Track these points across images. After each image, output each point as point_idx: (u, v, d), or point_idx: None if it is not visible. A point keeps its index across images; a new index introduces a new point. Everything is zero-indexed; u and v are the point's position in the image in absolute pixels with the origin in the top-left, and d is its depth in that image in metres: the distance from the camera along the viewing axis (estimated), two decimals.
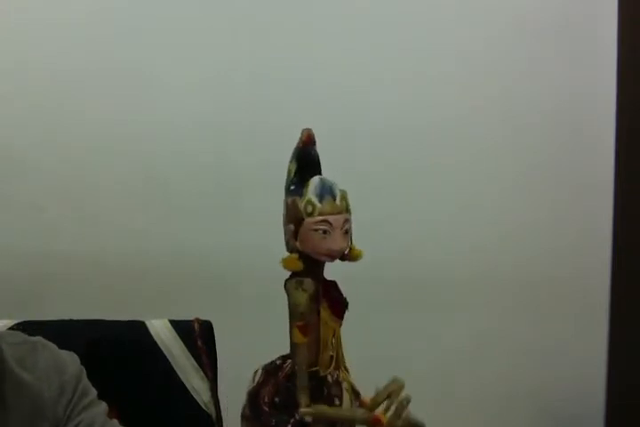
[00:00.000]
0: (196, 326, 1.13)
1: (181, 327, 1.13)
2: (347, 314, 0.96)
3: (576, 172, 1.69)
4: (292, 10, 1.58)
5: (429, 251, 1.63)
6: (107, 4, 1.53)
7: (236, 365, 0.97)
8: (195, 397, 1.10)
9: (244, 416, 0.96)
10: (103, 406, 0.91)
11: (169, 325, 1.13)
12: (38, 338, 0.92)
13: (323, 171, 0.95)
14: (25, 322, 1.04)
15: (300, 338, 0.91)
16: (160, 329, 1.12)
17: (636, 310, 1.67)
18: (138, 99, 1.54)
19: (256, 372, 0.97)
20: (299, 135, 0.96)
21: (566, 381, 1.69)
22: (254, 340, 0.95)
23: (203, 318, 1.15)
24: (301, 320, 0.91)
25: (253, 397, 0.95)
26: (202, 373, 1.11)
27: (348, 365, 0.97)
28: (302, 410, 0.89)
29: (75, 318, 1.11)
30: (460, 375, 1.65)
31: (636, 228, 1.67)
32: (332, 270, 0.96)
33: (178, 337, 1.12)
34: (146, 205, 1.56)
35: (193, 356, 1.11)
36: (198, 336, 1.12)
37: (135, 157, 1.55)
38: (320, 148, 0.95)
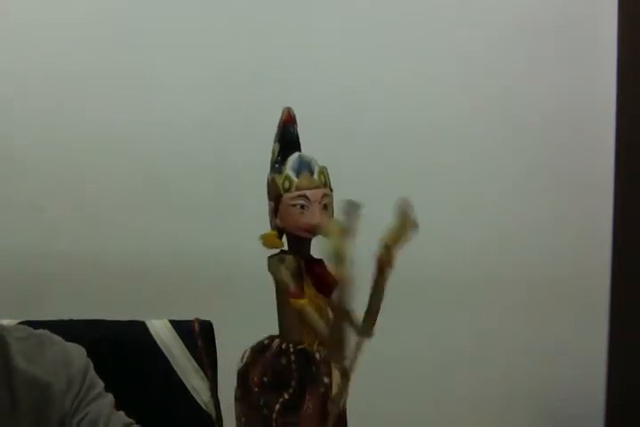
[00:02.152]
0: (196, 326, 1.13)
1: (181, 327, 1.13)
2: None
3: (576, 172, 1.69)
4: (292, 10, 1.58)
5: (429, 251, 1.63)
6: (107, 4, 1.53)
7: (236, 365, 0.97)
8: (195, 397, 1.10)
9: (235, 397, 0.96)
10: (110, 397, 0.92)
11: (169, 325, 1.13)
12: (44, 331, 0.93)
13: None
14: (25, 322, 1.04)
15: (298, 304, 0.89)
16: (160, 329, 1.12)
17: (636, 310, 1.67)
18: (138, 99, 1.54)
19: (245, 352, 0.96)
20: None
21: (566, 381, 1.69)
22: (254, 340, 0.95)
23: (203, 318, 1.15)
24: (291, 287, 0.90)
25: (242, 377, 0.94)
26: (202, 373, 1.11)
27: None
28: None
29: (75, 318, 1.11)
30: (460, 375, 1.65)
31: (636, 228, 1.67)
32: None
33: (178, 337, 1.11)
34: (146, 205, 1.56)
35: (193, 356, 1.11)
36: (198, 336, 1.12)
37: (135, 157, 1.55)
38: (320, 147, 0.95)
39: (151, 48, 1.54)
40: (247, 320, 1.48)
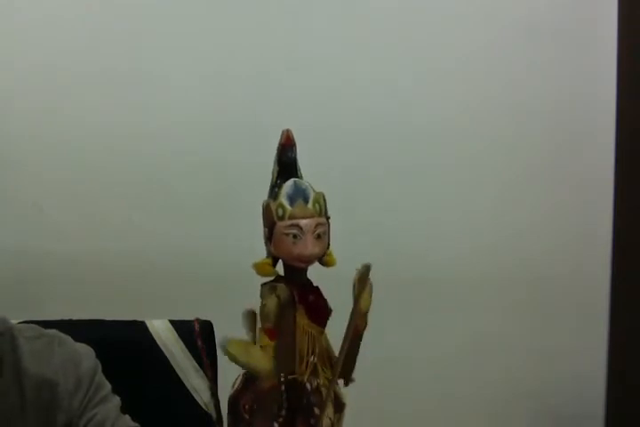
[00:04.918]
0: (196, 326, 1.13)
1: (181, 327, 1.13)
2: (347, 315, 0.95)
3: (576, 171, 1.69)
4: (291, 10, 1.58)
5: (429, 251, 1.63)
6: (107, 4, 1.53)
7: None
8: (195, 397, 1.11)
9: (227, 423, 0.96)
10: (116, 400, 0.92)
11: (169, 325, 1.13)
12: (54, 331, 0.93)
13: (323, 171, 0.95)
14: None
15: (265, 341, 0.89)
16: (160, 329, 1.12)
17: (636, 310, 1.67)
18: (138, 99, 1.54)
19: (236, 378, 0.96)
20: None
21: (566, 381, 1.69)
22: None
23: (203, 318, 1.15)
24: (269, 323, 0.89)
25: (233, 403, 0.94)
26: (202, 373, 1.11)
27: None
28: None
29: (75, 318, 1.11)
30: (460, 375, 1.65)
31: (636, 228, 1.67)
32: (331, 271, 0.96)
33: (178, 337, 1.12)
34: (146, 205, 1.56)
35: (193, 356, 1.11)
36: (198, 336, 1.12)
37: (135, 157, 1.55)
38: (321, 147, 0.95)
39: (151, 48, 1.54)
40: None
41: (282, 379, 0.91)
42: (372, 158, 1.60)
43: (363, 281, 0.90)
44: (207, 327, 1.14)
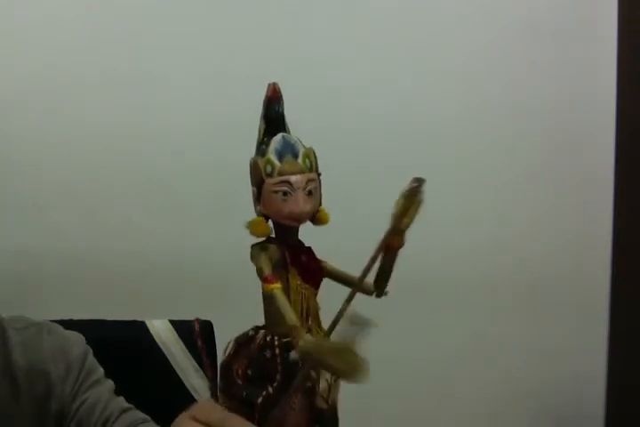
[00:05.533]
0: (196, 326, 1.13)
1: (181, 327, 1.13)
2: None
3: (576, 171, 1.69)
4: (292, 9, 1.58)
5: (429, 251, 1.63)
6: (107, 4, 1.53)
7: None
8: (195, 397, 1.11)
9: (219, 389, 0.93)
10: (109, 383, 0.92)
11: (169, 325, 1.13)
12: (43, 320, 0.94)
13: (323, 171, 0.95)
14: None
15: (269, 288, 0.83)
16: (160, 329, 1.12)
17: (636, 310, 1.67)
18: (138, 99, 1.54)
19: (228, 344, 0.92)
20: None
21: (566, 381, 1.69)
22: None
23: (203, 318, 1.15)
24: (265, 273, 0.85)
25: (225, 369, 0.91)
26: (202, 373, 1.11)
27: None
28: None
29: (75, 318, 1.11)
30: (460, 375, 1.65)
31: (636, 227, 1.67)
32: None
33: (178, 337, 1.12)
34: (146, 205, 1.56)
35: (193, 356, 1.11)
36: (198, 336, 1.12)
37: (135, 157, 1.55)
38: (322, 146, 0.94)
39: (151, 48, 1.54)
40: (247, 320, 1.48)
41: (276, 342, 0.88)
42: (372, 158, 1.60)
43: (413, 196, 0.82)
44: (207, 327, 1.14)
